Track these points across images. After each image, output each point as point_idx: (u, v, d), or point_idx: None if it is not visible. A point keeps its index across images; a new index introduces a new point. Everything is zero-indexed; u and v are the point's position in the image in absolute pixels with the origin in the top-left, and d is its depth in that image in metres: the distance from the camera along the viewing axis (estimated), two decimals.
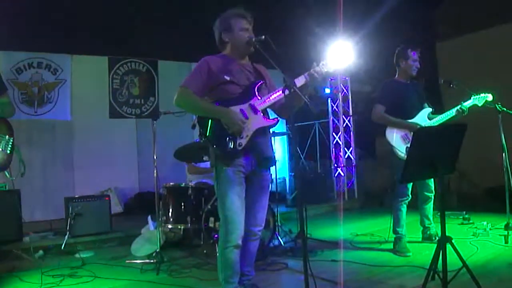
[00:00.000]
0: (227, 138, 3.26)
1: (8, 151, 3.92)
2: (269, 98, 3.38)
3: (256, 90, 3.42)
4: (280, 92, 3.28)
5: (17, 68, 8.09)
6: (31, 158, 7.44)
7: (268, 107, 3.45)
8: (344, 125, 10.20)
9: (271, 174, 3.69)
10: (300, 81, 3.30)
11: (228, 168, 3.32)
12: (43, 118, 8.29)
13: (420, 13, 10.35)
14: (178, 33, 8.27)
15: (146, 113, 9.10)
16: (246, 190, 3.42)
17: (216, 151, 3.33)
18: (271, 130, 3.64)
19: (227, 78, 3.37)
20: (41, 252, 5.61)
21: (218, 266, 3.45)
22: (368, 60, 8.60)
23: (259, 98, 3.40)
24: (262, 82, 3.48)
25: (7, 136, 3.92)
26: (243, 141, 3.28)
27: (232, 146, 3.26)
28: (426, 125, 5.12)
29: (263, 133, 3.45)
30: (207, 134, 3.32)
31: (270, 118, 3.48)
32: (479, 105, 5.17)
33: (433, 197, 5.46)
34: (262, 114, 3.40)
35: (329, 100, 10.38)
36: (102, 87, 8.75)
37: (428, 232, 5.53)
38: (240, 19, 3.47)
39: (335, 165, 10.20)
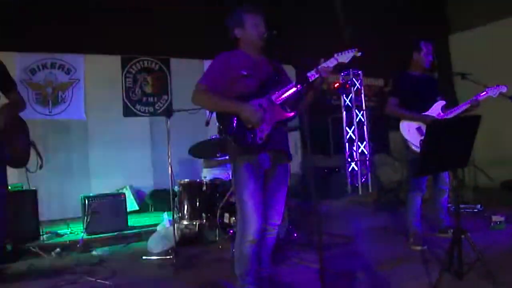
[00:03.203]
0: (247, 133, 3.26)
1: (26, 148, 3.96)
2: (285, 92, 3.37)
3: (273, 84, 3.43)
4: (295, 86, 3.27)
5: (31, 69, 8.17)
6: (47, 158, 7.48)
7: (285, 101, 3.44)
8: (357, 119, 10.17)
9: (289, 169, 3.69)
10: (313, 75, 3.29)
11: (247, 163, 3.33)
12: (58, 118, 8.36)
13: (433, 6, 10.29)
14: (190, 31, 8.29)
15: (159, 111, 9.16)
16: (264, 185, 3.43)
17: (235, 146, 3.34)
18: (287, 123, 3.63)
19: (244, 72, 3.38)
20: (58, 250, 5.67)
21: (235, 261, 3.47)
22: (380, 53, 8.55)
23: (276, 92, 3.40)
24: (278, 76, 3.48)
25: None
26: (263, 135, 3.29)
27: (251, 141, 3.27)
28: (440, 118, 5.10)
29: (281, 127, 3.46)
30: (227, 130, 3.33)
31: (288, 112, 3.48)
32: (494, 96, 5.13)
33: (448, 190, 5.43)
34: (279, 108, 3.41)
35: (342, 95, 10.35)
36: (115, 86, 8.84)
37: (443, 225, 5.50)
38: (252, 15, 3.48)
39: (349, 159, 10.18)
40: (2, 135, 3.64)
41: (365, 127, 10.25)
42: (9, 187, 4.22)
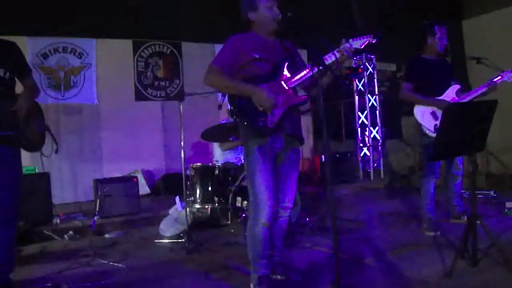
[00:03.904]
0: (258, 116, 3.25)
1: (41, 132, 3.97)
2: (298, 75, 3.33)
3: (285, 67, 3.39)
4: (309, 69, 3.23)
5: (43, 53, 8.17)
6: (60, 142, 7.48)
7: (298, 84, 3.41)
8: (369, 104, 10.10)
9: (300, 153, 3.67)
10: (329, 58, 3.25)
11: (258, 147, 3.31)
12: (70, 102, 8.37)
13: None
14: (201, 15, 8.25)
15: (171, 95, 9.16)
16: (275, 168, 3.42)
17: (247, 129, 3.32)
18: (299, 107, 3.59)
19: (256, 56, 3.35)
20: (71, 233, 5.71)
21: (248, 244, 3.47)
22: (393, 38, 8.47)
23: (289, 75, 3.37)
24: (291, 59, 3.45)
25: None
26: (275, 119, 3.26)
27: (263, 124, 3.25)
28: (455, 102, 5.04)
29: (293, 111, 3.43)
30: (238, 112, 3.31)
31: (300, 95, 3.45)
32: (509, 81, 5.05)
33: (461, 176, 5.39)
34: (292, 92, 3.38)
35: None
36: (127, 70, 8.83)
37: (457, 211, 5.47)
38: None
39: (361, 145, 10.13)
40: (19, 119, 3.66)
41: (377, 112, 10.18)
42: (23, 170, 4.23)
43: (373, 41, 3.23)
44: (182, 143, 5.28)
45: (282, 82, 3.35)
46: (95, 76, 8.59)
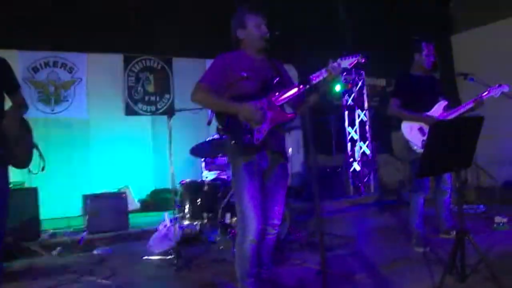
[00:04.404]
0: (244, 133, 3.26)
1: (29, 149, 3.96)
2: (286, 93, 3.35)
3: (273, 85, 3.41)
4: (297, 88, 3.25)
5: (33, 67, 8.16)
6: (49, 156, 7.47)
7: (285, 102, 3.43)
8: (359, 119, 10.14)
9: (288, 169, 3.68)
10: (316, 77, 3.27)
11: (245, 163, 3.31)
12: (60, 116, 8.35)
13: (436, 5, 10.26)
14: (193, 30, 8.27)
15: (161, 110, 9.16)
16: (263, 186, 3.42)
17: (233, 146, 3.33)
18: (285, 125, 3.61)
19: (245, 74, 3.36)
20: (59, 248, 5.66)
21: (236, 262, 3.45)
22: (382, 53, 8.53)
23: (277, 93, 3.39)
24: (279, 77, 3.47)
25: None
26: (261, 136, 3.27)
27: (249, 141, 3.26)
28: (442, 118, 5.08)
29: (279, 128, 3.45)
30: (225, 129, 3.32)
31: (287, 113, 3.47)
32: (496, 96, 5.09)
33: (450, 191, 5.41)
34: (279, 110, 3.39)
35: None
36: (117, 85, 8.84)
37: (446, 226, 5.48)
38: (253, 16, 3.47)
39: (351, 159, 10.15)
40: (7, 137, 3.64)
41: (367, 126, 10.22)
42: (11, 185, 4.20)
43: (362, 61, 3.26)
44: (171, 158, 5.27)
45: (270, 100, 3.36)
46: (86, 90, 8.58)
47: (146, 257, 5.34)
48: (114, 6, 7.65)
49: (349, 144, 10.17)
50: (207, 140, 6.04)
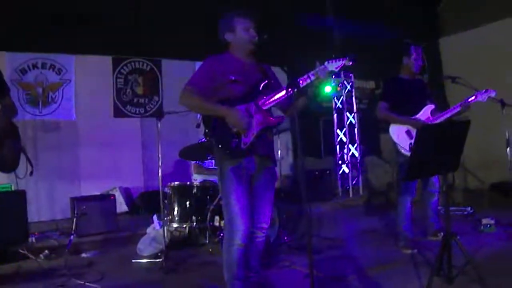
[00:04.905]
0: (232, 137, 3.27)
1: (16, 153, 3.92)
2: (273, 97, 3.38)
3: (261, 89, 3.42)
4: (284, 91, 3.27)
5: (21, 68, 8.10)
6: (37, 158, 7.46)
7: (273, 106, 3.45)
8: (348, 121, 10.17)
9: (276, 172, 3.69)
10: (304, 80, 3.29)
11: (233, 167, 3.33)
12: (48, 118, 8.29)
13: (424, 8, 10.31)
14: (182, 32, 8.26)
15: (150, 112, 9.13)
16: (250, 189, 3.43)
17: (220, 150, 3.34)
18: (273, 129, 3.62)
19: (232, 78, 3.38)
20: (46, 252, 5.62)
21: (224, 265, 3.46)
22: (371, 56, 8.56)
23: (264, 97, 3.40)
24: (267, 81, 3.48)
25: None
26: (248, 140, 3.29)
27: (236, 146, 3.27)
28: (430, 122, 5.12)
29: (267, 132, 3.46)
30: (212, 133, 3.33)
31: (275, 117, 3.48)
32: (483, 101, 5.14)
33: (437, 193, 5.45)
34: (267, 113, 3.40)
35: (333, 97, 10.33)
36: (106, 87, 8.78)
37: (433, 228, 5.51)
38: (242, 19, 3.48)
39: (340, 162, 10.17)
40: None
41: (356, 129, 10.25)
42: None
43: (349, 63, 3.28)
44: (159, 161, 5.26)
45: (258, 104, 3.37)
46: (74, 92, 8.53)
47: (135, 260, 5.33)
48: (103, 7, 7.61)
49: (338, 147, 10.19)
50: (196, 142, 6.03)
